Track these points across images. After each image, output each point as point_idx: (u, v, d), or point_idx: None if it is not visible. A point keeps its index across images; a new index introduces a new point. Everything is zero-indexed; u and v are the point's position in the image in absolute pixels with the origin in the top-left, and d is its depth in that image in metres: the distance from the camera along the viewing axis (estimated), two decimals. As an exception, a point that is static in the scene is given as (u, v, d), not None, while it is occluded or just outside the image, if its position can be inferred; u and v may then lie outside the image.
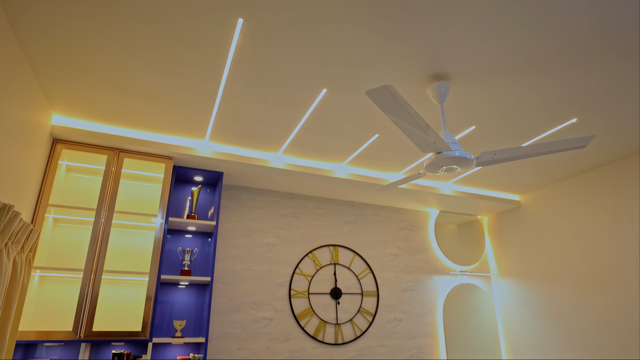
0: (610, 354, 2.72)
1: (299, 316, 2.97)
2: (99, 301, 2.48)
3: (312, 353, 2.93)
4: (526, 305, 3.39)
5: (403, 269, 3.47)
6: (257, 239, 3.03)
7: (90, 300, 2.24)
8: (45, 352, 2.35)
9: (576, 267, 3.03)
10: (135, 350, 2.49)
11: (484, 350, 3.51)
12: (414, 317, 3.37)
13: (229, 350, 2.71)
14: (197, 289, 2.74)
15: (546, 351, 3.16)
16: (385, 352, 3.17)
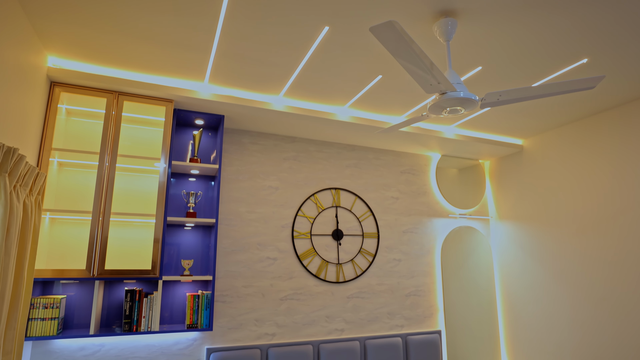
0: (601, 291, 2.85)
1: (301, 256, 3.08)
2: (109, 242, 2.57)
3: (314, 290, 3.08)
4: (522, 247, 3.49)
5: (403, 211, 3.54)
6: (260, 182, 3.08)
7: (100, 241, 2.32)
8: (62, 289, 2.47)
9: (574, 210, 3.08)
10: (146, 288, 2.62)
11: (478, 289, 3.67)
12: (412, 257, 3.49)
13: (235, 287, 2.85)
14: (203, 230, 2.83)
15: (539, 290, 3.31)
16: (384, 290, 3.33)
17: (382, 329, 3.25)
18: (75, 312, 2.46)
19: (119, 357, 2.51)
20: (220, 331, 2.76)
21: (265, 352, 2.81)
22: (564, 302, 3.09)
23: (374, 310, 3.25)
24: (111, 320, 2.53)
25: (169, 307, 2.67)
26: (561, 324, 3.10)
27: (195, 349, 2.67)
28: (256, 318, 2.87)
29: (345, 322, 3.13)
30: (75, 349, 2.43)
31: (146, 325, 2.39)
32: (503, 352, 3.60)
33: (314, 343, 2.96)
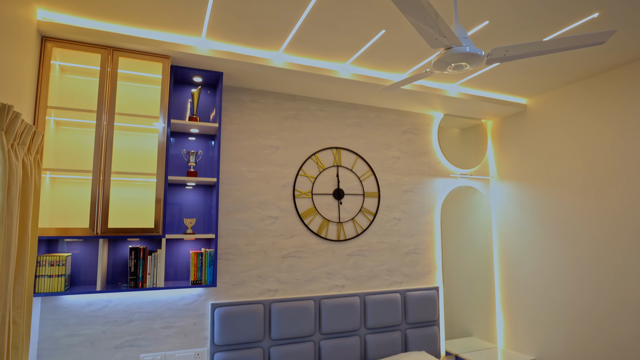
0: (597, 250, 2.89)
1: (303, 215, 3.11)
2: (111, 201, 2.58)
3: (315, 248, 3.14)
4: (522, 207, 3.52)
5: (404, 171, 3.54)
6: (261, 141, 3.05)
7: (102, 200, 2.32)
8: (67, 247, 2.51)
9: (575, 170, 3.07)
10: (150, 246, 2.66)
11: (476, 247, 3.74)
12: (412, 216, 3.53)
13: (238, 245, 2.90)
14: (204, 189, 2.83)
15: (536, 249, 3.36)
16: (384, 248, 3.39)
17: (382, 285, 3.34)
18: (81, 270, 2.51)
19: (126, 312, 2.58)
20: (224, 287, 2.83)
21: (268, 307, 2.89)
22: (560, 260, 3.15)
23: (374, 267, 3.32)
24: (117, 277, 2.58)
25: (173, 264, 2.72)
26: (556, 281, 3.18)
27: (200, 304, 2.75)
28: (259, 275, 2.94)
29: (346, 278, 3.21)
30: (83, 305, 2.50)
31: (151, 282, 2.45)
32: (498, 308, 3.72)
33: (316, 298, 3.04)
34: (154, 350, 2.62)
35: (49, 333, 2.42)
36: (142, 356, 2.59)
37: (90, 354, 2.49)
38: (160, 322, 2.65)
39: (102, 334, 2.52)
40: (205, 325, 2.75)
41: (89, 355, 2.48)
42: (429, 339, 3.36)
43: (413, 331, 3.32)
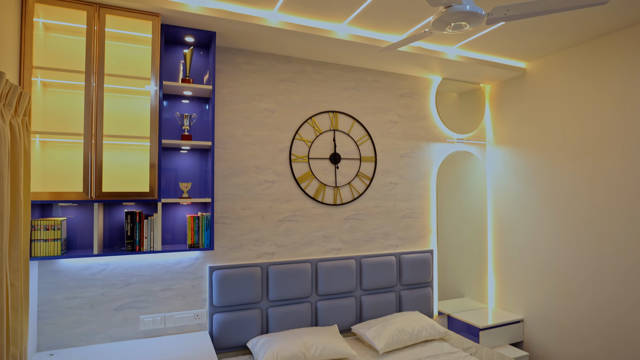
0: (588, 214, 2.93)
1: (299, 179, 3.09)
2: (104, 165, 2.54)
3: (312, 212, 3.14)
4: (517, 172, 3.53)
5: (401, 136, 3.50)
6: (256, 104, 2.98)
7: (95, 164, 2.28)
8: (62, 212, 2.49)
9: (571, 136, 3.06)
10: (146, 210, 2.65)
11: (471, 212, 3.77)
12: (409, 181, 3.53)
13: (235, 209, 2.89)
14: (200, 154, 2.79)
15: (529, 213, 3.40)
16: (380, 212, 3.40)
17: (377, 249, 3.38)
18: (77, 234, 2.51)
19: (124, 275, 2.60)
20: (222, 251, 2.85)
21: (266, 270, 2.93)
22: (551, 224, 3.20)
23: (369, 231, 3.35)
24: (113, 241, 2.59)
25: (170, 229, 2.72)
26: (546, 244, 3.24)
27: (198, 267, 2.78)
28: (256, 238, 2.95)
29: (342, 242, 3.24)
30: (81, 268, 2.51)
31: (149, 245, 2.45)
32: (490, 270, 3.80)
33: (312, 261, 3.08)
34: (153, 312, 2.66)
35: (48, 296, 2.44)
36: (142, 317, 2.63)
37: (90, 316, 2.52)
38: (159, 285, 2.68)
39: (102, 297, 2.55)
40: (204, 288, 2.79)
41: (89, 317, 2.52)
42: (422, 299, 3.44)
43: (407, 292, 3.40)
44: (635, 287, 2.64)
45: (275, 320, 2.90)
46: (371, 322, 3.04)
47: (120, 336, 2.59)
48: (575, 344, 3.02)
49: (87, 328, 2.52)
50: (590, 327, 2.92)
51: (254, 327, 2.82)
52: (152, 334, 2.66)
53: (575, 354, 3.03)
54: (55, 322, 2.45)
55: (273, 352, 2.49)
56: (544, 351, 3.27)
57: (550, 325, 3.23)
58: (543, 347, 3.28)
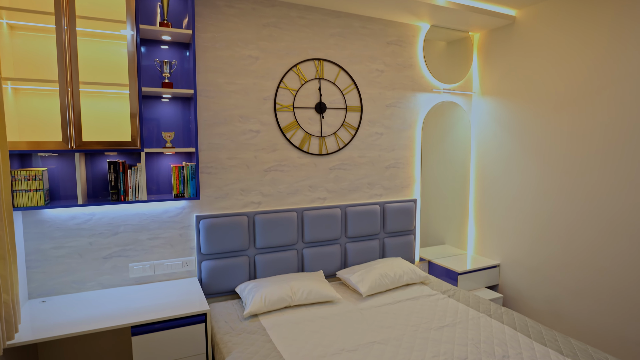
0: (567, 164, 3.01)
1: (284, 129, 3.07)
2: (84, 115, 2.47)
3: (297, 162, 3.15)
4: (501, 123, 3.55)
5: (388, 85, 3.46)
6: (239, 51, 2.88)
7: (73, 112, 2.22)
8: (42, 162, 2.44)
9: (555, 88, 3.06)
10: (129, 160, 2.62)
11: (455, 162, 3.83)
12: (394, 131, 3.53)
13: (219, 159, 2.88)
14: (182, 102, 2.73)
15: (511, 163, 3.47)
16: (365, 162, 3.43)
17: (362, 198, 3.45)
18: (59, 184, 2.48)
19: (111, 224, 2.62)
20: (208, 200, 2.87)
21: (252, 219, 2.98)
22: (531, 174, 3.28)
23: (354, 180, 3.40)
24: (98, 192, 2.57)
25: (154, 179, 2.71)
26: (526, 193, 3.34)
27: (184, 217, 2.80)
28: (242, 188, 2.97)
29: (328, 191, 3.29)
30: (67, 218, 2.51)
31: (134, 195, 2.45)
32: (470, 218, 3.93)
33: (298, 210, 3.14)
34: (142, 260, 2.71)
35: (35, 246, 2.45)
36: (132, 265, 2.68)
37: (79, 264, 2.56)
38: (147, 234, 2.71)
39: (89, 246, 2.58)
40: (191, 236, 2.84)
41: (78, 266, 2.56)
42: (405, 246, 3.57)
43: (390, 240, 3.51)
44: (604, 233, 2.78)
45: (263, 267, 2.99)
46: (355, 268, 3.16)
47: (111, 283, 2.65)
48: (546, 286, 3.22)
49: (77, 276, 2.56)
50: (561, 271, 3.09)
51: (242, 273, 2.91)
52: (142, 281, 2.73)
53: (545, 294, 3.23)
54: (44, 270, 2.48)
55: (261, 296, 2.59)
56: (517, 293, 3.48)
57: (524, 269, 3.41)
58: (516, 289, 3.48)
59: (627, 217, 2.65)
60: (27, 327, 2.06)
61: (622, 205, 2.67)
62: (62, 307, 2.32)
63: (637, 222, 2.59)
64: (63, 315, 2.21)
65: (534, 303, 3.34)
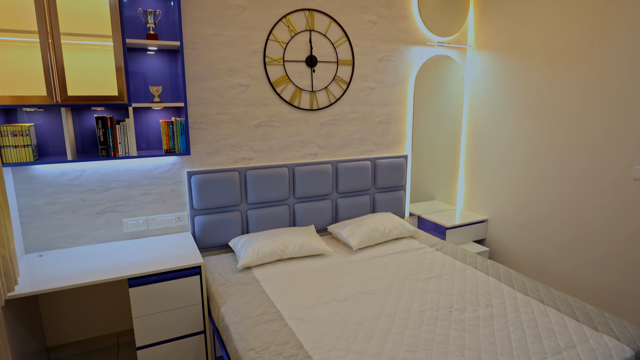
0: (558, 121, 3.01)
1: (274, 83, 3.01)
2: (68, 68, 2.39)
3: (288, 117, 3.12)
4: (495, 78, 3.51)
5: (380, 38, 3.37)
6: (225, 0, 2.76)
7: (56, 65, 2.16)
8: (28, 118, 2.40)
9: (552, 41, 3.00)
10: (117, 115, 2.58)
11: (447, 118, 3.81)
12: (386, 86, 3.48)
13: (209, 114, 2.84)
14: (168, 55, 2.65)
15: (503, 119, 3.46)
16: (357, 118, 3.41)
17: (353, 154, 3.45)
18: (48, 141, 2.45)
19: (102, 180, 2.62)
20: (199, 156, 2.86)
21: (244, 174, 2.99)
22: (523, 130, 3.29)
23: (346, 136, 3.39)
24: (87, 148, 2.55)
25: (144, 135, 2.68)
26: (516, 150, 3.36)
27: (175, 172, 2.81)
28: (232, 144, 2.96)
29: (319, 147, 3.29)
30: (57, 174, 2.51)
31: (124, 151, 2.44)
32: (461, 175, 3.98)
33: (289, 166, 3.15)
34: (135, 215, 2.74)
35: (27, 202, 2.46)
36: (125, 220, 2.72)
37: (73, 220, 2.59)
38: (139, 190, 2.73)
39: (82, 202, 2.59)
40: (183, 192, 2.86)
41: (72, 221, 2.59)
42: (395, 202, 3.63)
43: (381, 195, 3.57)
44: (591, 190, 2.84)
45: (255, 222, 3.04)
46: (346, 222, 3.23)
47: (105, 238, 2.69)
48: (532, 241, 3.32)
49: (71, 231, 2.60)
50: (547, 226, 3.18)
51: (234, 228, 2.97)
52: (136, 236, 2.77)
53: (530, 248, 3.34)
54: (38, 226, 2.51)
55: (254, 250, 2.66)
56: (503, 247, 3.60)
57: (511, 224, 3.50)
58: (502, 244, 3.60)
59: (614, 174, 2.70)
60: (26, 280, 2.12)
61: (609, 163, 2.71)
62: (59, 261, 2.37)
63: (624, 179, 2.64)
64: (60, 268, 2.27)
65: (519, 257, 3.46)
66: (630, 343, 1.84)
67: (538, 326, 1.98)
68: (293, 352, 1.77)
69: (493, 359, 1.73)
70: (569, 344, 1.84)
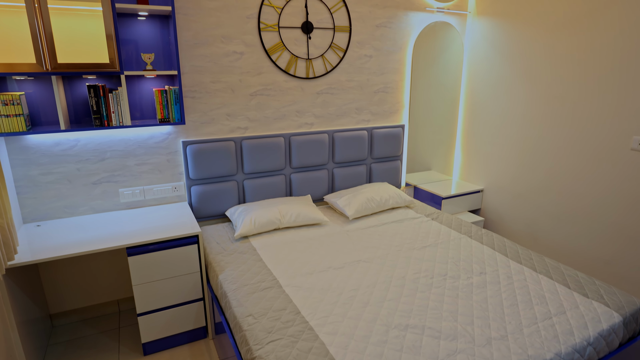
0: (558, 90, 2.97)
1: (269, 50, 2.95)
2: (56, 35, 2.32)
3: (284, 86, 3.07)
4: (494, 45, 3.44)
5: (378, 3, 3.27)
6: (218, -38, 2.66)
7: (44, 32, 2.09)
8: (18, 87, 2.35)
9: (555, 7, 2.92)
10: (109, 84, 2.53)
11: (445, 87, 3.76)
12: (384, 54, 3.41)
13: (203, 83, 2.79)
14: (160, 22, 2.57)
15: (501, 88, 3.42)
16: (354, 86, 3.36)
17: (350, 123, 3.43)
18: (40, 110, 2.41)
19: (97, 151, 2.60)
20: (194, 125, 2.83)
21: (239, 144, 2.97)
22: (521, 99, 3.25)
23: (342, 105, 3.35)
24: (80, 117, 2.52)
25: (137, 105, 2.64)
26: (514, 119, 3.34)
27: (171, 142, 2.79)
28: (227, 113, 2.92)
29: (315, 116, 3.25)
30: (51, 144, 2.48)
31: (117, 120, 2.41)
32: (457, 145, 3.97)
33: (285, 135, 3.13)
34: (132, 185, 2.74)
35: (22, 172, 2.45)
36: (121, 190, 2.72)
37: (69, 190, 2.59)
38: (134, 160, 2.71)
39: (77, 172, 2.58)
40: (179, 162, 2.84)
41: (68, 191, 2.58)
42: (391, 172, 3.64)
43: (377, 165, 3.57)
44: (587, 160, 2.84)
45: (251, 192, 3.05)
46: (342, 192, 3.24)
47: (103, 208, 2.70)
48: (526, 210, 3.36)
49: (68, 201, 2.60)
50: (542, 196, 3.21)
51: (231, 197, 2.98)
52: (133, 206, 2.78)
53: (524, 217, 3.38)
54: (35, 196, 2.51)
55: (250, 219, 2.68)
56: (497, 216, 3.64)
57: (506, 194, 3.53)
58: (497, 213, 3.64)
59: (611, 144, 2.69)
60: (25, 249, 2.13)
61: (607, 132, 2.70)
62: (58, 231, 2.39)
63: (621, 149, 2.64)
64: (59, 238, 2.28)
65: (513, 226, 3.51)
66: (619, 309, 1.90)
67: (530, 293, 2.03)
68: (290, 318, 1.82)
69: (485, 324, 1.78)
70: (559, 309, 1.89)
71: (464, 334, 1.71)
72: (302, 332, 1.72)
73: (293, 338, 1.68)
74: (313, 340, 1.66)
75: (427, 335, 1.70)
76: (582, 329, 1.76)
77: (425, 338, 1.68)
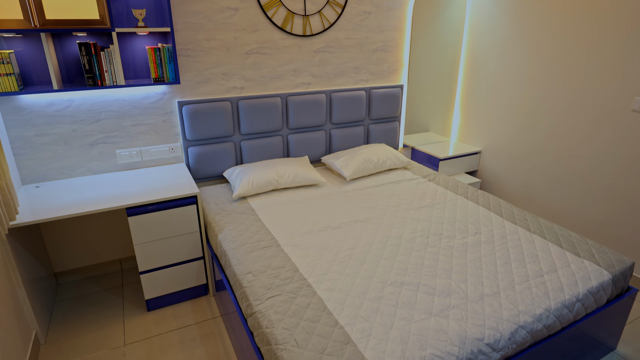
0: (561, 49, 2.90)
1: (265, 6, 2.84)
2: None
3: (280, 44, 2.99)
4: (498, 2, 3.32)
5: (379, -45, 3.13)
6: None
7: (29, -15, 2.00)
8: (7, 45, 2.29)
9: (564, -47, 2.80)
10: (100, 42, 2.46)
11: (445, 46, 3.66)
12: (384, 10, 3.30)
13: (197, 40, 2.71)
14: (150, -25, 2.46)
15: (503, 47, 3.33)
16: (352, 45, 3.27)
17: (348, 83, 3.37)
18: (31, 69, 2.36)
19: (92, 111, 2.57)
20: (189, 85, 2.78)
21: (236, 104, 2.93)
22: (523, 59, 3.18)
23: (340, 64, 3.28)
24: (72, 77, 2.46)
25: (130, 64, 2.58)
26: (514, 79, 3.29)
27: (166, 102, 2.75)
28: (223, 72, 2.86)
29: (312, 76, 3.19)
30: (45, 105, 2.45)
31: (111, 80, 2.36)
32: (457, 105, 3.93)
33: (282, 95, 3.08)
34: (128, 147, 2.73)
35: (18, 133, 2.43)
36: (118, 152, 2.71)
37: (66, 151, 2.57)
38: (129, 121, 2.68)
39: (73, 133, 2.56)
40: (175, 123, 2.82)
41: (65, 152, 2.57)
42: (389, 133, 3.62)
43: (375, 126, 3.54)
44: (585, 121, 2.83)
45: (249, 153, 3.05)
46: (340, 153, 3.24)
47: (100, 169, 2.70)
48: (523, 171, 3.37)
49: (65, 162, 2.59)
50: (539, 157, 3.21)
51: (228, 158, 2.97)
52: (131, 167, 2.78)
53: (521, 179, 3.40)
54: (32, 157, 2.50)
55: (248, 180, 2.69)
56: (494, 177, 3.66)
57: (504, 155, 3.53)
58: (494, 174, 3.66)
59: (612, 105, 2.67)
60: (26, 210, 2.15)
61: (609, 93, 2.67)
62: (57, 192, 2.40)
63: (622, 111, 2.62)
64: (59, 198, 2.30)
65: (510, 188, 3.54)
66: (609, 267, 1.95)
67: (523, 252, 2.08)
68: (289, 275, 1.87)
69: (478, 281, 1.84)
70: (551, 268, 1.95)
71: (457, 290, 1.77)
72: (300, 288, 1.78)
73: (292, 294, 1.74)
74: (311, 296, 1.72)
75: (422, 292, 1.76)
76: (572, 286, 1.82)
77: (419, 294, 1.74)
